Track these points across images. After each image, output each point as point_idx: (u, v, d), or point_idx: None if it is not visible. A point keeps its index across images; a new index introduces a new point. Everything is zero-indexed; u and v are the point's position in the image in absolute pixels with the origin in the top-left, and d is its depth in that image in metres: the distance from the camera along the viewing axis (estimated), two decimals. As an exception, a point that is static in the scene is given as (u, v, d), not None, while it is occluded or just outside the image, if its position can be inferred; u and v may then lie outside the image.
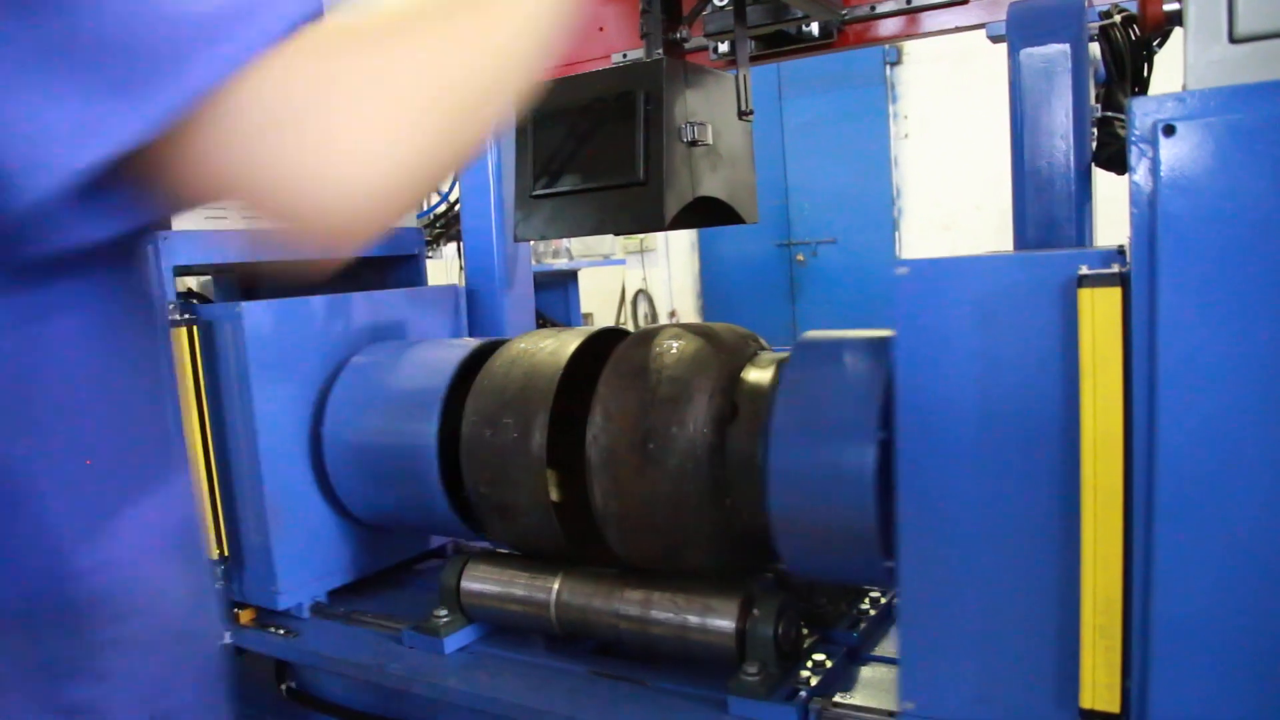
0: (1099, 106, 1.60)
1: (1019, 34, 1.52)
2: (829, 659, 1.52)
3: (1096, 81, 1.60)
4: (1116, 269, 1.10)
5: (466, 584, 1.78)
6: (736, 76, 1.64)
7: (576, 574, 1.69)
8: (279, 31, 0.54)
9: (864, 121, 7.30)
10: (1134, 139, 1.04)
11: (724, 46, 2.05)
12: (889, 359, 1.31)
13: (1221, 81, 1.03)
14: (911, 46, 7.00)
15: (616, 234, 1.61)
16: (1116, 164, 1.55)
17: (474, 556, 1.82)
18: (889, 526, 1.31)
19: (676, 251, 8.38)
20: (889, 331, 1.28)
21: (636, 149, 1.47)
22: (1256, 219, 1.00)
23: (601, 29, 2.21)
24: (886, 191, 7.32)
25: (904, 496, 1.26)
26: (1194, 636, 1.07)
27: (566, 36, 0.68)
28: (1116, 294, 1.09)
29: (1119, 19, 1.58)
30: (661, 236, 7.76)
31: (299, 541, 1.95)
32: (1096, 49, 1.58)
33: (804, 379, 1.46)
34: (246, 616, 1.98)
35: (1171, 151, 1.02)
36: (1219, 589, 1.05)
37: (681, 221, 1.53)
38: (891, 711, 1.38)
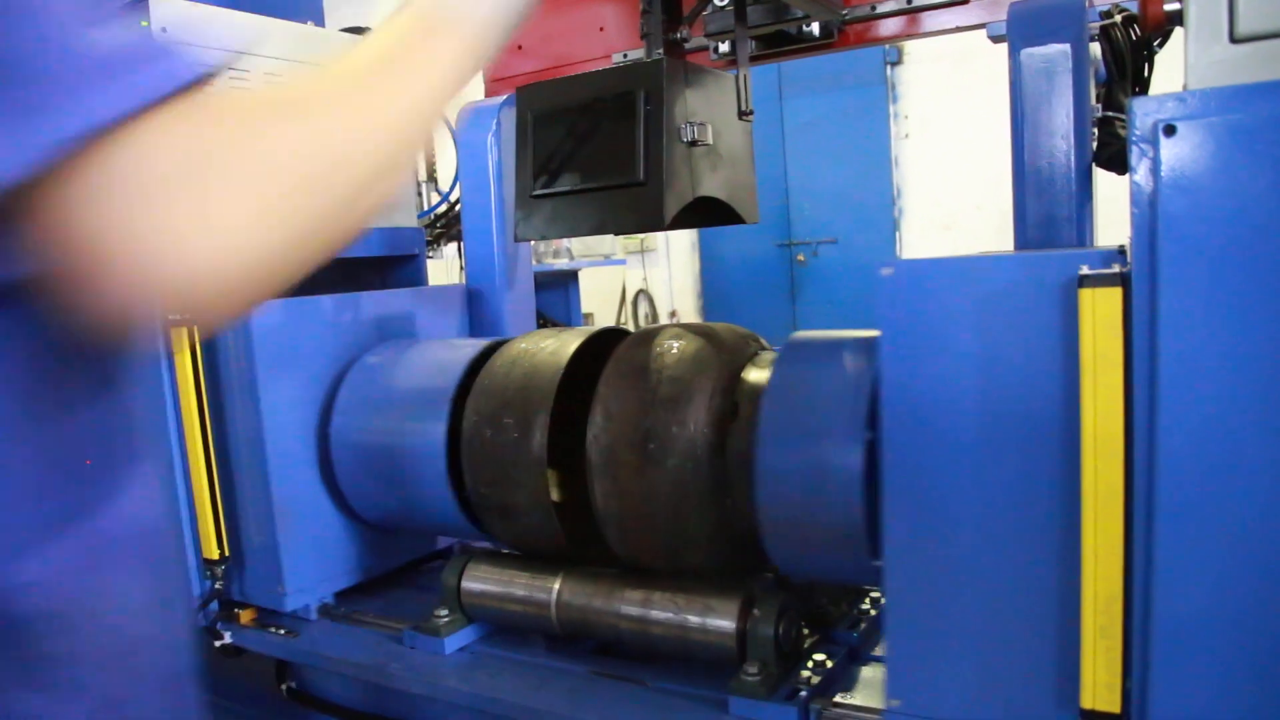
0: (1099, 106, 1.60)
1: (1019, 34, 1.52)
2: (830, 659, 1.52)
3: (1097, 81, 1.60)
4: (1117, 269, 1.10)
5: (467, 584, 1.78)
6: (737, 76, 1.63)
7: (577, 574, 1.69)
8: (168, 88, 0.54)
9: (864, 121, 7.30)
10: (1134, 139, 1.04)
11: (724, 46, 2.04)
12: (877, 360, 1.31)
13: (1222, 81, 1.03)
14: (912, 46, 7.00)
15: (616, 234, 1.61)
16: (1117, 164, 1.55)
17: (475, 556, 1.82)
18: (877, 526, 1.31)
19: (677, 251, 8.39)
20: (877, 332, 1.28)
21: (636, 149, 1.47)
22: (1257, 219, 1.00)
23: (601, 29, 2.22)
24: (887, 191, 7.32)
25: (890, 496, 1.26)
26: (1195, 636, 1.07)
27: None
28: (1117, 294, 1.09)
29: (1119, 19, 1.58)
30: (662, 236, 7.77)
31: (306, 542, 1.94)
32: (1097, 49, 1.58)
33: (791, 379, 1.46)
34: (247, 616, 1.98)
35: (1172, 151, 1.02)
36: (1220, 589, 1.05)
37: (681, 221, 1.53)
38: (892, 712, 1.38)
